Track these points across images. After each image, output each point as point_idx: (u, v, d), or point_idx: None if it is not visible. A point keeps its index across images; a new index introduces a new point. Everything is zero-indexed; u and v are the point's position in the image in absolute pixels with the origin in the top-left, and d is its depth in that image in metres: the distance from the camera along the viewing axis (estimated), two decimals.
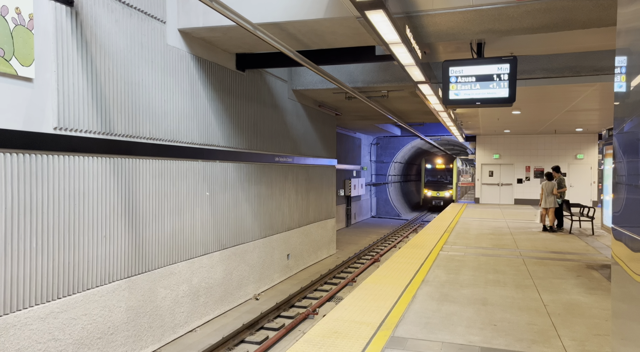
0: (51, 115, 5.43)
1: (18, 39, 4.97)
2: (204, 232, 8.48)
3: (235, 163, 9.45)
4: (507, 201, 22.86)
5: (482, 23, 6.27)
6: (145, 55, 6.94)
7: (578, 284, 6.67)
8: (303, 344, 4.33)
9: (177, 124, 7.69)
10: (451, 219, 15.60)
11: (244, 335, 7.85)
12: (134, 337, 6.75)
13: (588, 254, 9.05)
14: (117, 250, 6.48)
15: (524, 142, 22.34)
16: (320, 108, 14.69)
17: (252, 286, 10.23)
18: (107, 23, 6.21)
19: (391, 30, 5.41)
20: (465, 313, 5.30)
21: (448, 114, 13.30)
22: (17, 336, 5.05)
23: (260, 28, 6.03)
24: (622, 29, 2.58)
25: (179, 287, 7.76)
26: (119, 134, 6.45)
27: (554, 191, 12.26)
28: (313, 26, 6.95)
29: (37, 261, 5.30)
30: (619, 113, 2.60)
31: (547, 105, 13.26)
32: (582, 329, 4.81)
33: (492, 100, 7.24)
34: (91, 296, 6.02)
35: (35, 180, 5.26)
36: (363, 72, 11.45)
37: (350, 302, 5.66)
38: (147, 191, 7.05)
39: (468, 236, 11.41)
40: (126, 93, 6.59)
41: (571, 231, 12.35)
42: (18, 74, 4.99)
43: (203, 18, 7.34)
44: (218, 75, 8.81)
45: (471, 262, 8.14)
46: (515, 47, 8.48)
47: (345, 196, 22.98)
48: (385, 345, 4.34)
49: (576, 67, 9.27)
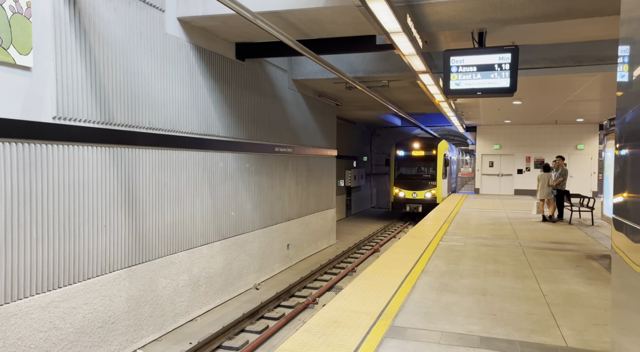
0: (50, 105, 5.40)
1: (16, 28, 4.93)
2: (204, 222, 8.49)
3: (235, 153, 9.43)
4: (507, 192, 22.87)
5: (483, 12, 6.22)
6: (144, 44, 6.89)
7: (577, 274, 6.69)
8: (303, 333, 4.35)
9: (177, 114, 7.66)
10: (451, 209, 15.62)
11: (244, 324, 7.90)
12: (134, 327, 6.79)
13: (587, 245, 9.07)
14: (118, 240, 6.49)
15: (525, 132, 22.31)
16: (321, 98, 14.63)
17: (252, 276, 10.27)
18: (105, 11, 6.16)
19: (392, 19, 5.36)
20: (465, 303, 5.32)
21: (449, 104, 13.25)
22: (18, 325, 5.07)
23: (260, 17, 5.98)
24: (625, 17, 2.55)
25: (179, 277, 7.78)
26: (118, 124, 6.43)
27: (549, 182, 12.26)
28: (313, 15, 6.89)
29: (38, 251, 5.31)
30: (622, 103, 2.58)
31: (548, 96, 13.21)
32: (581, 318, 4.83)
33: (493, 90, 7.21)
34: (92, 286, 6.04)
35: (35, 170, 5.25)
36: (363, 62, 11.38)
37: (350, 291, 5.68)
38: (147, 181, 7.04)
39: (468, 227, 11.43)
40: (125, 82, 6.55)
41: (571, 221, 12.36)
42: (16, 63, 4.95)
43: (202, 7, 7.27)
44: (218, 65, 8.75)
45: (471, 253, 8.16)
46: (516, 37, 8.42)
47: (345, 186, 22.98)
48: (385, 334, 4.36)
49: (578, 57, 9.21)
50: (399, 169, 21.97)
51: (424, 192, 20.95)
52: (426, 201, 20.76)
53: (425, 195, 20.90)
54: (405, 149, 22.00)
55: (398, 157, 22.04)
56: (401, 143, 22.33)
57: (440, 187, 20.77)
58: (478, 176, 23.43)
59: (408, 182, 21.40)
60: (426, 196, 20.87)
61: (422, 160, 21.52)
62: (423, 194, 20.95)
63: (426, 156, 21.47)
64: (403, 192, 21.33)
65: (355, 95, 14.88)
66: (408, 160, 21.85)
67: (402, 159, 21.98)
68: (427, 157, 21.41)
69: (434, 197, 20.77)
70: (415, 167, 21.72)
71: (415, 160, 21.70)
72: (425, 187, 21.03)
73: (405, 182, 21.46)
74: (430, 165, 21.29)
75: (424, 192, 20.97)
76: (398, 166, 21.98)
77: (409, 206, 21.10)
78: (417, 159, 21.67)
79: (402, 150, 22.01)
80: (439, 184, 20.75)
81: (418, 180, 21.29)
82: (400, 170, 21.95)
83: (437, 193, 20.73)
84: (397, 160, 22.02)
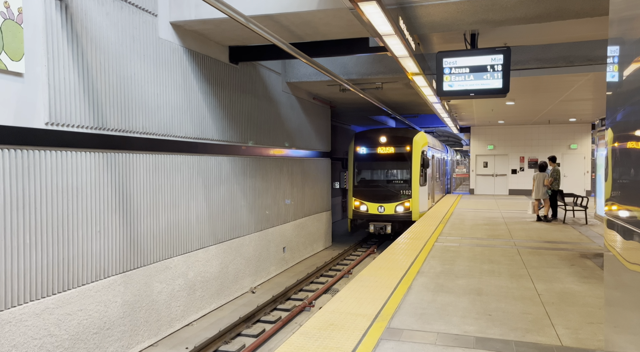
0: (42, 111, 5.38)
1: (7, 34, 4.91)
2: (200, 226, 8.47)
3: (229, 157, 9.42)
4: (502, 192, 22.97)
5: (475, 13, 6.26)
6: (137, 48, 6.87)
7: (572, 273, 6.72)
8: (299, 336, 4.35)
9: (171, 118, 7.64)
10: (446, 210, 15.66)
11: (240, 328, 7.88)
12: (130, 332, 6.76)
13: (581, 243, 9.12)
14: (112, 245, 6.46)
15: (518, 132, 22.43)
16: (315, 100, 14.65)
17: (248, 279, 10.25)
18: (97, 16, 6.14)
19: (384, 21, 5.38)
20: (461, 303, 5.33)
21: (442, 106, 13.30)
22: (12, 332, 5.04)
23: (252, 20, 5.98)
24: (614, 18, 2.57)
25: (174, 282, 7.76)
26: (111, 129, 6.41)
27: (545, 182, 12.33)
28: (306, 18, 6.90)
29: (31, 257, 5.28)
30: (612, 103, 2.61)
31: (540, 96, 13.30)
32: (575, 317, 4.85)
33: (486, 91, 7.25)
34: (86, 292, 6.01)
35: (28, 175, 5.22)
36: (357, 64, 11.41)
37: (346, 294, 5.68)
38: (142, 186, 7.02)
39: (463, 227, 11.46)
40: (118, 87, 6.53)
41: (565, 221, 12.43)
42: (8, 69, 4.93)
43: (195, 10, 7.27)
44: (211, 69, 8.75)
45: (466, 253, 8.18)
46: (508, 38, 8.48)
47: (340, 188, 22.99)
48: (381, 336, 4.36)
49: (569, 57, 9.28)
50: (360, 173, 15.86)
51: (394, 205, 14.94)
52: (397, 218, 14.92)
53: (396, 209, 14.92)
54: (368, 145, 15.80)
55: (358, 157, 15.87)
56: (363, 137, 16.05)
57: (417, 198, 14.93)
58: (472, 177, 23.52)
59: (372, 192, 15.41)
60: (397, 210, 14.91)
61: (392, 159, 15.58)
62: (393, 207, 14.95)
63: (397, 154, 15.48)
64: (365, 206, 15.25)
65: (349, 98, 14.92)
66: (372, 160, 15.77)
67: (363, 159, 15.83)
68: (399, 155, 15.46)
69: (407, 212, 14.85)
70: (382, 170, 15.80)
71: (381, 160, 15.68)
72: (395, 198, 15.06)
73: (369, 192, 15.46)
74: (403, 166, 15.43)
75: (393, 205, 14.95)
76: (359, 169, 15.87)
77: (373, 225, 15.03)
78: (385, 158, 15.65)
79: (363, 147, 15.84)
80: (415, 193, 14.94)
81: (385, 188, 15.37)
82: (362, 174, 15.85)
83: (412, 206, 14.86)
84: (357, 161, 15.88)
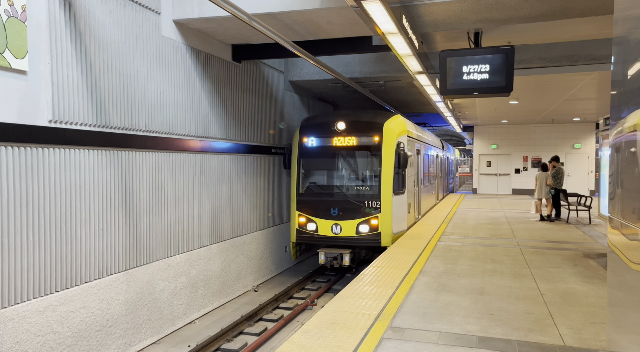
0: (46, 108, 5.39)
1: (11, 31, 4.92)
2: (202, 225, 8.48)
3: (232, 155, 9.43)
4: (505, 191, 22.91)
5: (479, 12, 6.23)
6: (140, 46, 6.88)
7: (575, 273, 6.70)
8: (301, 335, 4.35)
9: (174, 116, 7.65)
10: (449, 210, 15.63)
11: (243, 326, 7.89)
12: (132, 330, 6.77)
13: (585, 243, 9.09)
14: (115, 243, 6.47)
15: (522, 132, 22.35)
16: (317, 99, 14.64)
17: (250, 278, 10.26)
18: (100, 14, 6.15)
19: (388, 20, 5.37)
20: (463, 303, 5.32)
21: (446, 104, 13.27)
22: (15, 329, 5.06)
23: (255, 19, 5.98)
24: (619, 17, 2.56)
25: (177, 280, 7.77)
26: (114, 127, 6.41)
27: (547, 181, 12.29)
28: (309, 16, 6.89)
29: (35, 255, 5.29)
30: (616, 102, 2.59)
31: (544, 95, 13.25)
32: (578, 317, 4.84)
33: (489, 89, 7.21)
34: (89, 289, 6.03)
35: (31, 173, 5.24)
36: (360, 63, 11.39)
37: (348, 292, 5.67)
38: (144, 184, 7.03)
39: (466, 226, 11.44)
40: (121, 85, 6.54)
41: (568, 220, 12.39)
42: (12, 67, 4.94)
43: (198, 9, 7.27)
44: (214, 67, 8.75)
45: (469, 252, 8.16)
46: (512, 37, 8.44)
47: None
48: (383, 335, 4.36)
49: (574, 56, 9.23)
50: (307, 175, 10.98)
51: (356, 224, 10.20)
52: (360, 242, 10.21)
53: (358, 229, 10.20)
54: (318, 135, 10.80)
55: (305, 152, 10.91)
56: (312, 124, 11.02)
57: (390, 212, 10.13)
58: (476, 176, 23.47)
59: (323, 203, 10.48)
60: (360, 230, 10.18)
61: (354, 156, 10.73)
62: (353, 226, 10.22)
63: (361, 148, 10.55)
64: (314, 224, 10.46)
65: (351, 96, 14.90)
66: (324, 157, 10.81)
67: (312, 156, 10.88)
68: (363, 149, 10.55)
69: (375, 232, 10.11)
70: (339, 171, 10.89)
71: (338, 156, 10.76)
72: (357, 212, 10.22)
73: (319, 204, 10.52)
74: (368, 166, 10.64)
75: (354, 223, 10.21)
76: (305, 170, 10.96)
77: (324, 253, 10.20)
78: (343, 154, 10.73)
79: (312, 137, 10.84)
80: (386, 205, 10.13)
81: (343, 198, 10.39)
82: (310, 177, 10.98)
83: (381, 224, 10.10)
84: (303, 158, 10.92)
